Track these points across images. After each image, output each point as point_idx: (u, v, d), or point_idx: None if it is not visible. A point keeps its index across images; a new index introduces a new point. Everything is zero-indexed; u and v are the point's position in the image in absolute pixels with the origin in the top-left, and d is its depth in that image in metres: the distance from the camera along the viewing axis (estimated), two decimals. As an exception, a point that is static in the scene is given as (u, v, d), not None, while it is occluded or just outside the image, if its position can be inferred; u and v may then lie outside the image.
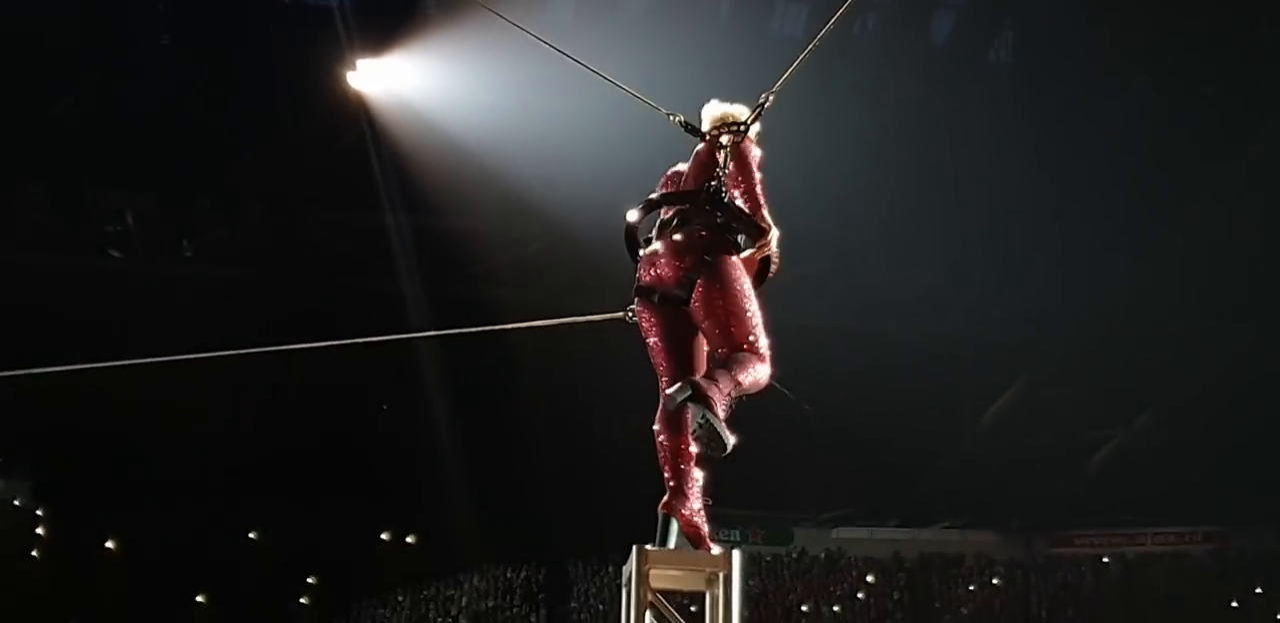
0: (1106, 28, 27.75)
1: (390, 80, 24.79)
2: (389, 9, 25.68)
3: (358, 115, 25.66)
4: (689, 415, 5.38)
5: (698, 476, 5.80)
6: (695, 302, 5.83)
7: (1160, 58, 27.82)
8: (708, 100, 6.67)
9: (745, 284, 5.88)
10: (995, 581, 35.96)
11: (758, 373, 5.66)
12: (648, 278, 5.99)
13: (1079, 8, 28.08)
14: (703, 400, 5.29)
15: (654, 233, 6.09)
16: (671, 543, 5.54)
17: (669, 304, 5.91)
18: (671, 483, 5.81)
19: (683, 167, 6.32)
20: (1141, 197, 29.05)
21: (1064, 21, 28.45)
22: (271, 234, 29.53)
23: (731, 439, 5.33)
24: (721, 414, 5.35)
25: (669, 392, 5.56)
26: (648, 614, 5.11)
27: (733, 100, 6.52)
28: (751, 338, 5.71)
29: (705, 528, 5.71)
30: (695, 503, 5.79)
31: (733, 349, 5.67)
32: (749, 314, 5.79)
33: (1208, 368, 32.15)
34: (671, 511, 5.72)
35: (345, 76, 24.95)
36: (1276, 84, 27.20)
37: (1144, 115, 28.04)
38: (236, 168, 27.46)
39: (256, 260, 30.10)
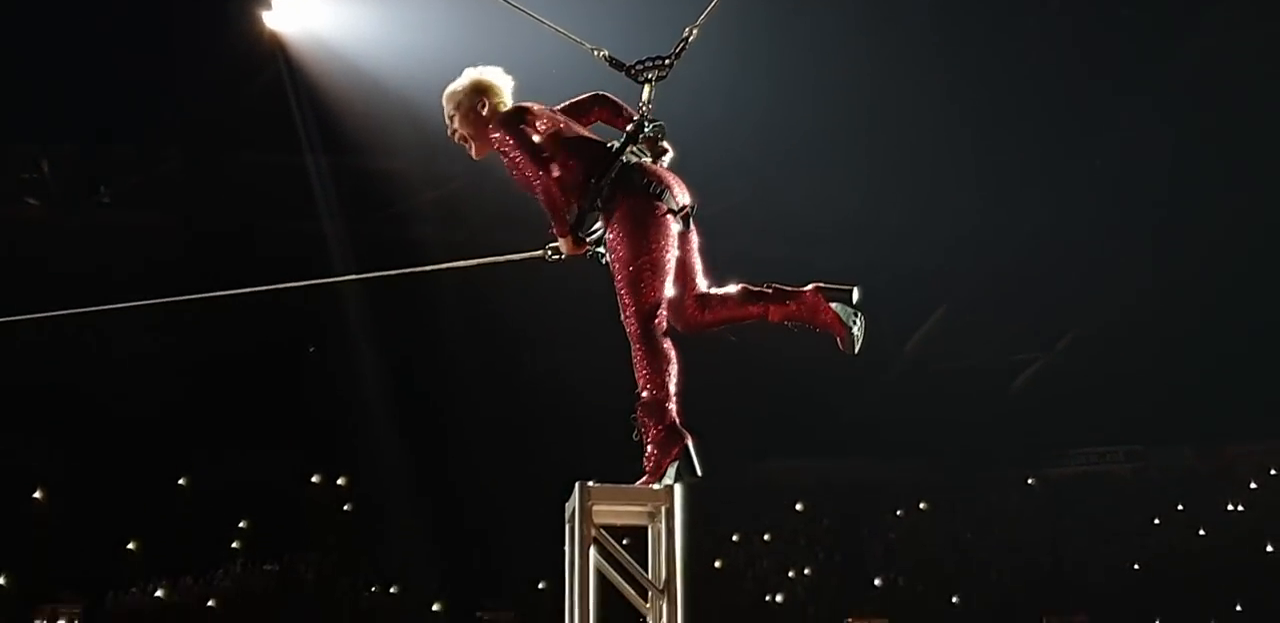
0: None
1: (307, 19, 24.41)
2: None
3: (274, 55, 25.28)
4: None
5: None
6: (688, 237, 6.10)
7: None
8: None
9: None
10: (922, 505, 36.54)
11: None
12: (682, 195, 6.00)
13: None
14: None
15: (621, 155, 6.00)
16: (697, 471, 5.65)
17: (684, 225, 6.00)
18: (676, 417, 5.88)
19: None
20: (1056, 122, 29.30)
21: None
22: (190, 178, 29.13)
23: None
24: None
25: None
26: (591, 549, 5.17)
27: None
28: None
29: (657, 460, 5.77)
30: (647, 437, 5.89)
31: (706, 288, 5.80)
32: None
33: (1125, 290, 32.66)
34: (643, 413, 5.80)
35: (260, 16, 24.55)
36: (1189, 9, 27.43)
37: (1057, 42, 28.19)
38: (152, 112, 27.02)
39: (176, 205, 29.73)
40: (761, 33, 23.92)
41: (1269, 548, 32.79)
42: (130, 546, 30.29)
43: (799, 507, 36.33)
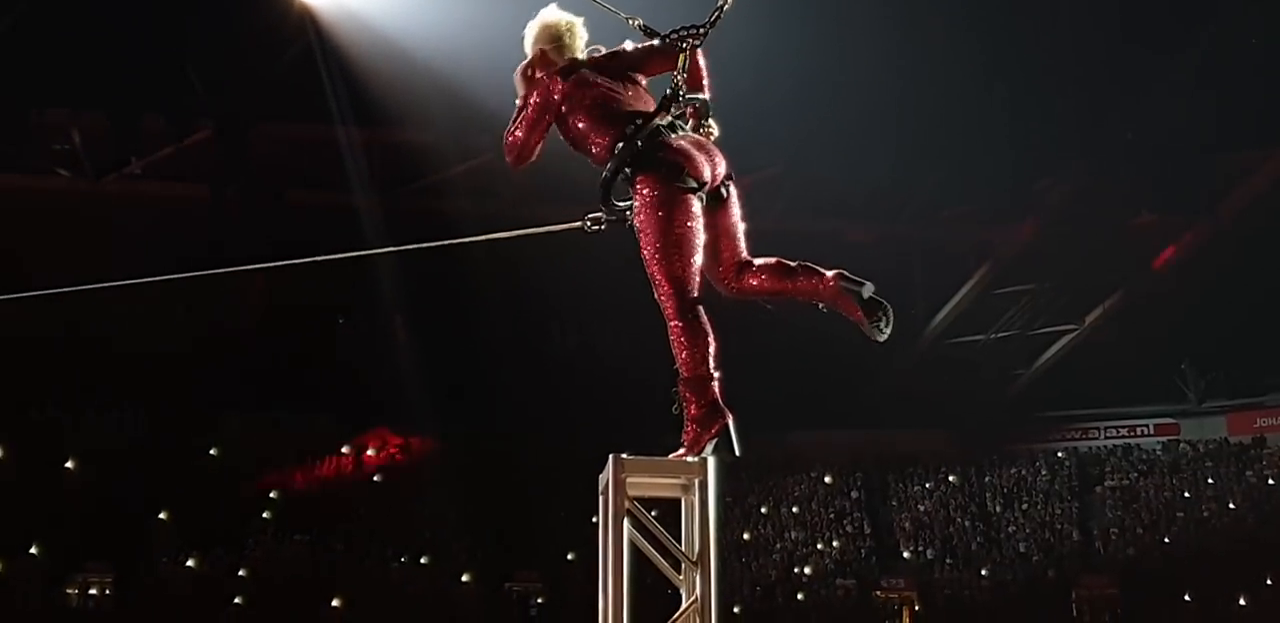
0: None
1: (337, -9, 24.39)
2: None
3: (304, 28, 25.26)
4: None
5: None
6: (726, 205, 5.99)
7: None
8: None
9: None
10: (951, 478, 36.52)
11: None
12: (708, 169, 5.95)
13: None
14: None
15: (657, 123, 5.97)
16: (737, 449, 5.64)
17: (712, 200, 5.97)
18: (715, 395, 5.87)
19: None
20: (1089, 93, 29.06)
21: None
22: (221, 150, 29.19)
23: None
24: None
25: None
26: (625, 522, 5.17)
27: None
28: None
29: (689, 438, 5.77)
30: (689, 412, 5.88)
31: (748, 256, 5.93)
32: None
33: (1156, 263, 32.50)
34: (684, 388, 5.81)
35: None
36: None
37: (1092, 11, 27.94)
38: (183, 84, 27.06)
39: (206, 177, 29.81)
40: (795, 4, 23.77)
41: (1299, 521, 32.71)
42: (161, 516, 30.57)
43: (827, 480, 36.37)
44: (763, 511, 34.88)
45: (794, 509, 35.20)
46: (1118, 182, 30.85)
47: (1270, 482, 34.52)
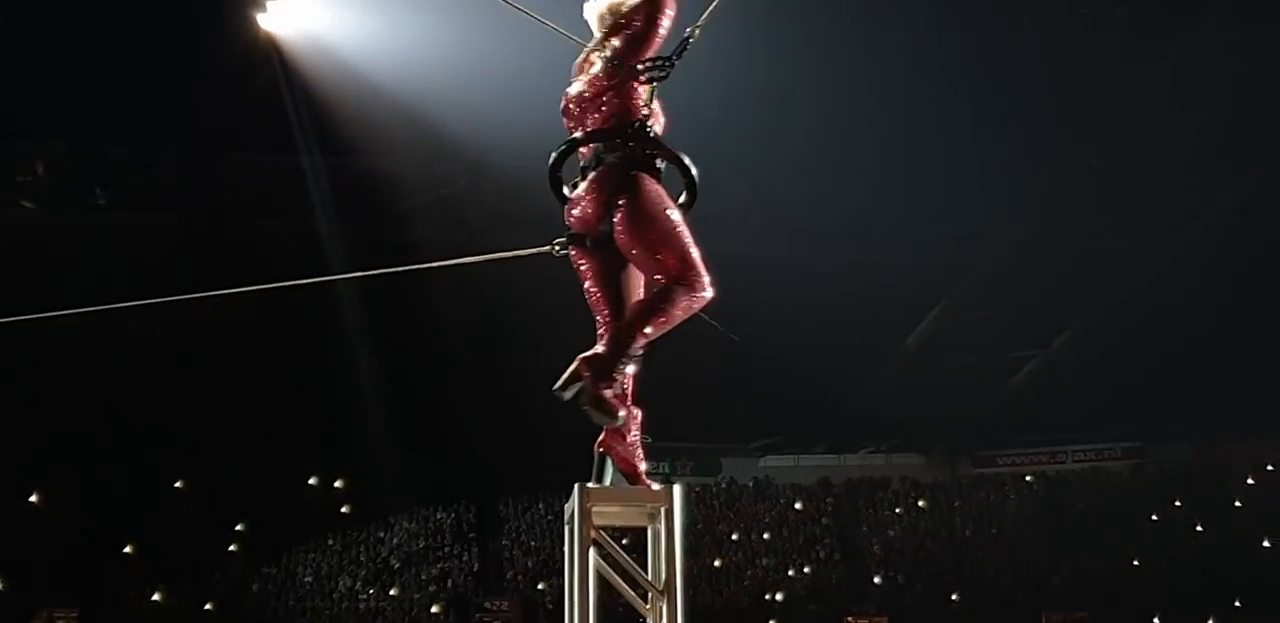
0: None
1: (302, 21, 24.40)
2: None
3: (270, 57, 25.25)
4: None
5: (635, 413, 5.81)
6: (619, 232, 5.77)
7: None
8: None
9: (669, 207, 5.82)
10: (921, 503, 36.54)
11: (682, 306, 5.66)
12: (573, 222, 5.92)
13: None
14: (592, 402, 5.45)
15: (579, 175, 6.01)
16: (608, 481, 5.58)
17: (601, 245, 5.85)
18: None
19: (576, 86, 6.20)
20: (1054, 117, 29.28)
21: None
22: (186, 180, 29.08)
23: (621, 415, 5.49)
24: (612, 391, 5.48)
25: (555, 387, 5.60)
26: (591, 551, 5.15)
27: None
28: (683, 261, 5.69)
29: (643, 465, 5.72)
30: (632, 439, 5.80)
31: (667, 276, 5.66)
32: (676, 236, 5.74)
33: (1124, 287, 32.66)
34: (608, 449, 5.74)
35: (256, 18, 24.53)
36: (1178, 12, 27.43)
37: (1055, 36, 28.17)
38: (147, 114, 26.97)
39: (171, 206, 29.67)
40: (761, 34, 23.87)
41: (1266, 544, 32.81)
42: (127, 549, 30.33)
43: (798, 506, 36.35)
44: (734, 537, 34.82)
45: (765, 536, 35.14)
46: (1083, 207, 31.07)
47: (1237, 505, 34.66)
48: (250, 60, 25.48)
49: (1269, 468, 35.53)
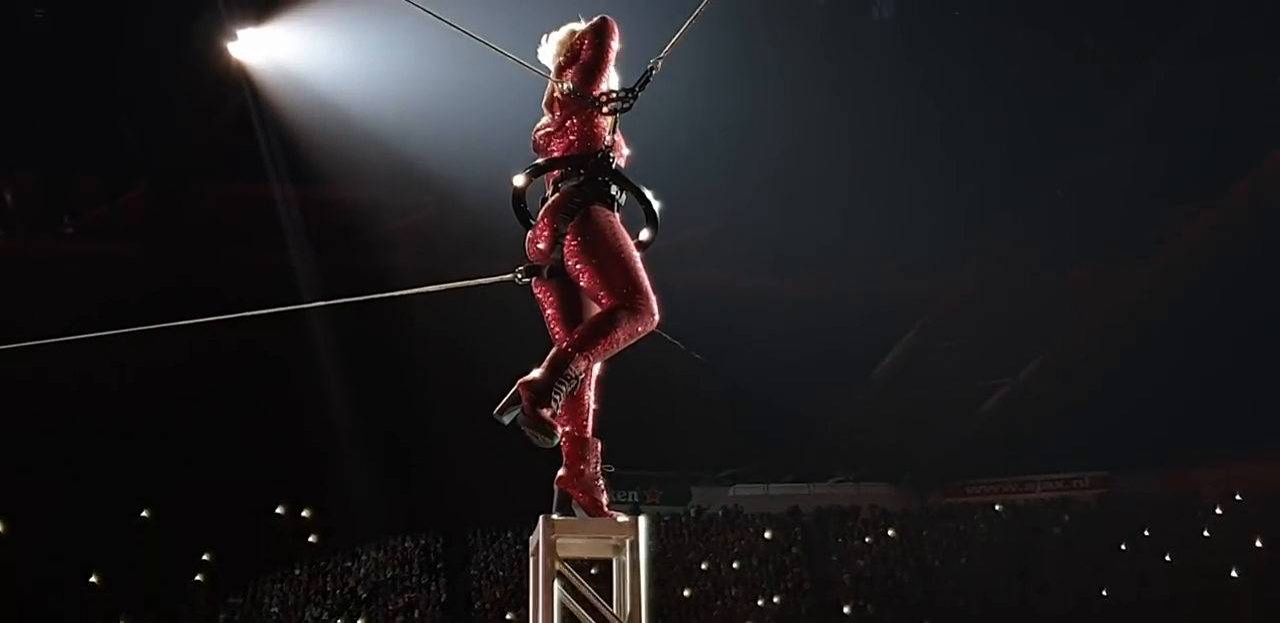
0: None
1: (272, 50, 24.39)
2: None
3: (240, 86, 25.24)
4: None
5: (595, 445, 5.80)
6: (570, 260, 5.80)
7: (1035, 15, 28.23)
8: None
9: (618, 233, 5.85)
10: (890, 532, 36.48)
11: (625, 329, 5.68)
12: (531, 253, 5.96)
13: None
14: (531, 423, 5.48)
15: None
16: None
17: (557, 274, 5.88)
18: (568, 454, 5.81)
19: (544, 119, 6.24)
20: (1022, 151, 29.50)
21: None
22: (156, 208, 29.00)
23: (557, 435, 5.51)
24: (550, 411, 5.51)
25: (495, 411, 5.63)
26: (555, 583, 5.13)
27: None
28: (630, 286, 5.71)
29: (604, 497, 5.72)
30: (592, 471, 5.78)
31: (611, 299, 5.69)
32: (624, 261, 5.76)
33: (1090, 317, 32.84)
34: (566, 484, 5.73)
35: (226, 47, 24.51)
36: (1144, 46, 27.76)
37: (1022, 72, 28.43)
38: (117, 142, 26.93)
39: (141, 235, 29.56)
40: (734, 64, 24.04)
41: (1234, 573, 32.87)
42: (93, 579, 30.07)
43: (768, 535, 36.25)
44: (703, 567, 34.68)
45: (734, 565, 35.03)
46: (1050, 237, 31.26)
47: (1205, 534, 34.73)
48: (221, 89, 25.47)
49: (1236, 497, 35.65)
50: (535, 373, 5.63)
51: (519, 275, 6.00)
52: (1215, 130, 28.78)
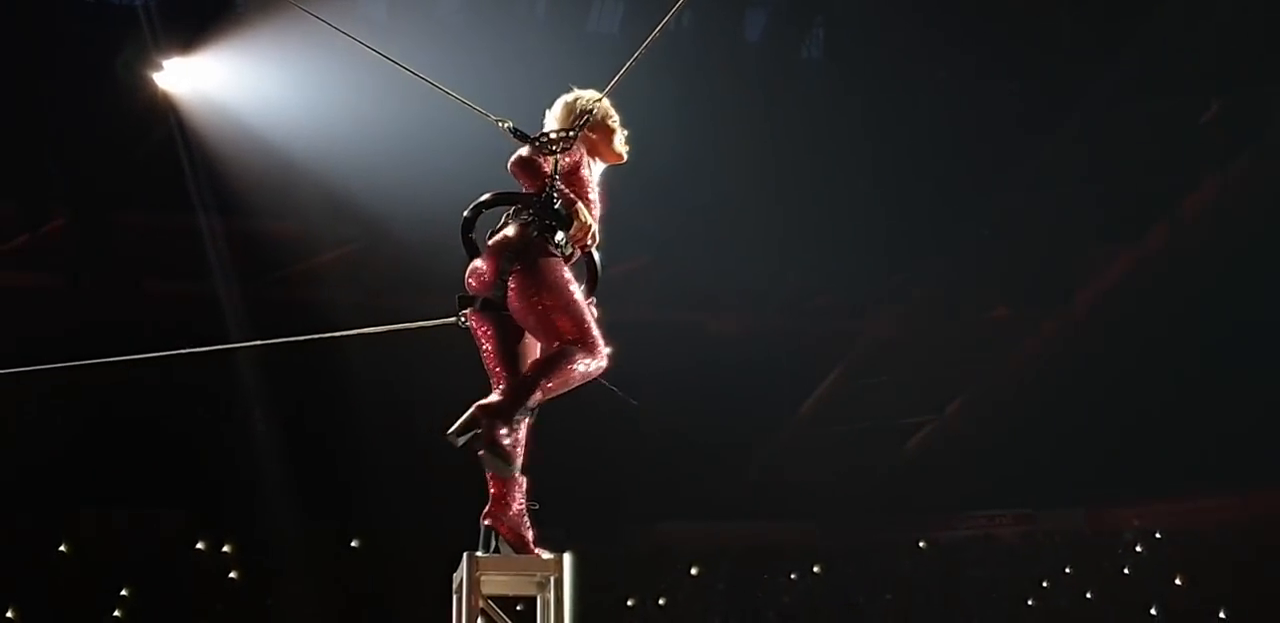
0: (912, 27, 28.45)
1: (199, 80, 24.24)
2: (196, 7, 25.10)
3: (166, 116, 25.04)
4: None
5: (521, 481, 5.79)
6: (513, 301, 5.80)
7: (964, 56, 28.64)
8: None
9: (563, 276, 5.88)
10: (816, 569, 36.54)
11: (581, 367, 5.70)
12: (473, 284, 5.97)
13: (887, 7, 28.72)
14: (488, 446, 5.49)
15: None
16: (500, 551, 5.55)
17: (492, 309, 5.88)
18: (493, 491, 5.80)
19: None
20: (950, 190, 29.85)
21: (871, 22, 29.12)
22: (77, 239, 28.66)
23: (516, 465, 5.54)
24: (509, 440, 5.49)
25: (449, 431, 5.63)
26: (479, 621, 5.10)
27: (552, 98, 6.53)
28: (577, 330, 5.73)
29: (529, 534, 5.70)
30: (518, 508, 5.77)
31: (564, 341, 5.70)
32: (570, 305, 5.79)
33: (1014, 355, 33.17)
34: (494, 520, 5.71)
35: (151, 77, 24.33)
36: (1070, 85, 28.24)
37: (949, 113, 28.80)
38: (39, 171, 26.62)
39: (62, 267, 29.20)
40: (666, 100, 24.17)
41: (1153, 610, 33.19)
42: (9, 614, 29.56)
43: (694, 571, 36.19)
44: (629, 604, 34.56)
45: (660, 602, 34.93)
46: (975, 275, 31.60)
47: (1126, 572, 35.07)
48: (146, 119, 25.26)
49: (1157, 536, 36.02)
50: (494, 397, 5.64)
51: (462, 319, 6.03)
52: (1139, 172, 29.28)
